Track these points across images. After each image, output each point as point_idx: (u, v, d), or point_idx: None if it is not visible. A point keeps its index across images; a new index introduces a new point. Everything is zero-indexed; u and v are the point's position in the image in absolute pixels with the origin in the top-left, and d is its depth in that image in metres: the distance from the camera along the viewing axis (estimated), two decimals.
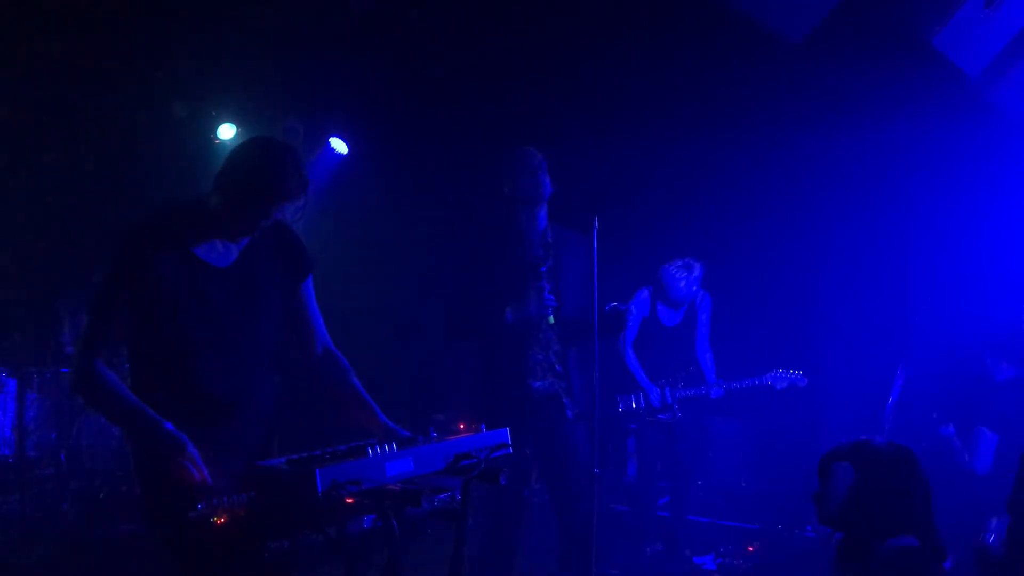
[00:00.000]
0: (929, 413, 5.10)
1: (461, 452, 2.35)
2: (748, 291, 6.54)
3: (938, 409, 5.15)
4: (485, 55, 6.32)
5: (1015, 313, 5.45)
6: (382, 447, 2.23)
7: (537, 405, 3.91)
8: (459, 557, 2.36)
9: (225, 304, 2.59)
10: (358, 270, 6.67)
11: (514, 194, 3.94)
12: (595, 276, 3.82)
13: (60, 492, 5.67)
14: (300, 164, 2.59)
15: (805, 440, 6.46)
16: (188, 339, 2.53)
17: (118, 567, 4.94)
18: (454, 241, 4.17)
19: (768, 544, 5.84)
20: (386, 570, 2.23)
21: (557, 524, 4.01)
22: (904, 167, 6.09)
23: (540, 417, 3.91)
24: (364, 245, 7.04)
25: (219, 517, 2.05)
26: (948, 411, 5.10)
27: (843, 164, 6.27)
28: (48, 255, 6.34)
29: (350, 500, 2.08)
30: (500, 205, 4.00)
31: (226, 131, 6.78)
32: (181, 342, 2.52)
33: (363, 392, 2.78)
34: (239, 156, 2.59)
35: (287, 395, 2.88)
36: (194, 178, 5.94)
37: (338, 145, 7.12)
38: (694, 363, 5.80)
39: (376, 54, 6.29)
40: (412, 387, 7.23)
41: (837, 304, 6.66)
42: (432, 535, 2.42)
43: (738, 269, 6.40)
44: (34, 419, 5.87)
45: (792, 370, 5.65)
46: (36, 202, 6.42)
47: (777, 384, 5.63)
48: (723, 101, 6.20)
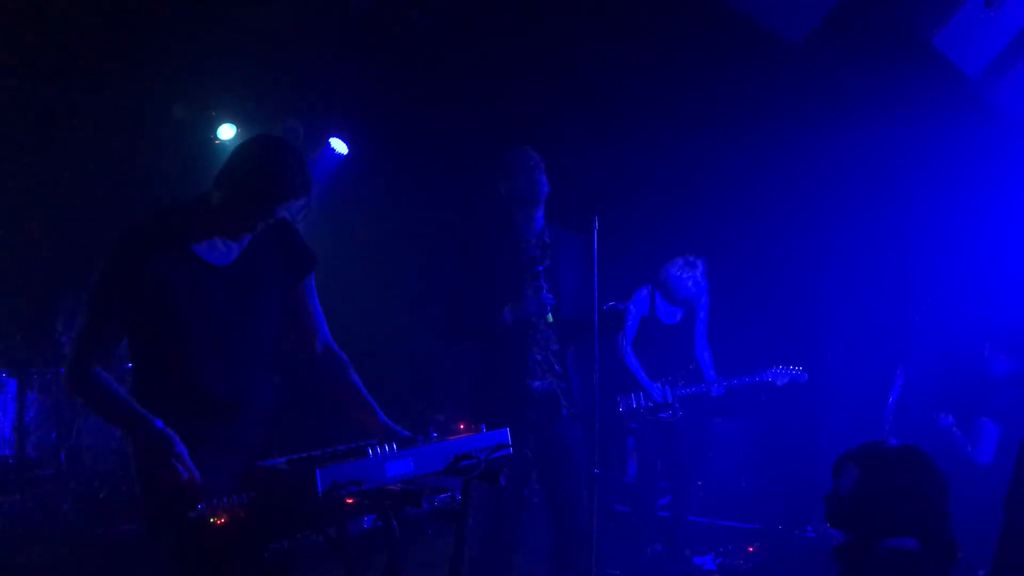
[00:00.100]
0: (929, 413, 5.11)
1: (461, 452, 2.35)
2: (748, 290, 6.54)
3: (938, 409, 5.15)
4: (485, 55, 6.32)
5: (1015, 308, 5.46)
6: (382, 447, 2.23)
7: (536, 404, 3.91)
8: (459, 557, 2.36)
9: (225, 303, 2.58)
10: (358, 270, 6.67)
11: (511, 194, 3.95)
12: (595, 276, 3.82)
13: (60, 492, 5.67)
14: (303, 163, 2.57)
15: (805, 440, 6.47)
16: (188, 338, 2.52)
17: (118, 567, 4.94)
18: (452, 241, 4.17)
19: (768, 544, 5.84)
20: (386, 570, 2.23)
21: (551, 524, 4.01)
22: (904, 167, 6.08)
23: (538, 416, 3.91)
24: (364, 245, 7.04)
25: (219, 517, 2.04)
26: (948, 410, 5.11)
27: (843, 164, 6.27)
28: (48, 255, 6.34)
29: (350, 500, 2.08)
30: (498, 205, 4.00)
31: (226, 131, 6.78)
32: (181, 341, 2.51)
33: (364, 391, 2.77)
34: (242, 154, 2.57)
35: (287, 395, 2.88)
36: (194, 178, 5.93)
37: (338, 145, 7.11)
38: (693, 361, 5.80)
39: (376, 54, 6.29)
40: (412, 387, 7.22)
41: (837, 304, 6.66)
42: (432, 535, 2.42)
43: (738, 268, 6.40)
44: (34, 419, 5.86)
45: (792, 366, 5.65)
46: (36, 202, 6.42)
47: (777, 380, 5.62)
48: (723, 101, 6.20)
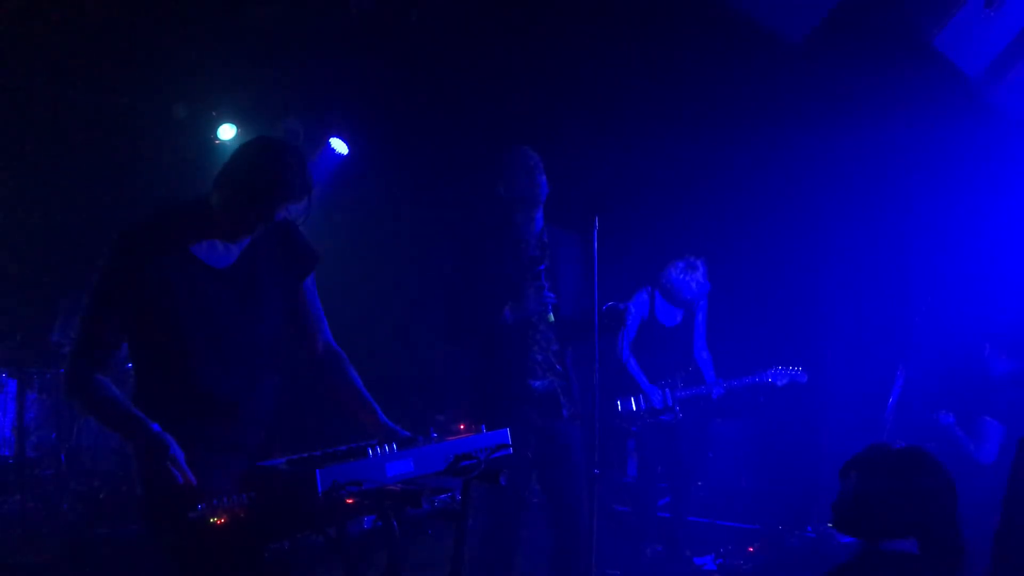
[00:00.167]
0: (929, 413, 5.11)
1: (461, 452, 2.35)
2: (748, 291, 6.54)
3: (938, 409, 5.15)
4: (485, 55, 6.31)
5: (1015, 308, 5.46)
6: (382, 447, 2.22)
7: (537, 404, 3.91)
8: (459, 557, 2.36)
9: (224, 305, 2.56)
10: (358, 270, 6.67)
11: (510, 194, 3.93)
12: (595, 276, 3.82)
13: (60, 492, 5.67)
14: (304, 164, 2.54)
15: (805, 440, 6.48)
16: (187, 341, 2.51)
17: (118, 567, 4.94)
18: (452, 241, 4.16)
19: (768, 544, 5.83)
20: (386, 570, 2.23)
21: (552, 524, 4.00)
22: (904, 167, 6.08)
23: (539, 416, 3.91)
24: (364, 245, 7.04)
25: (219, 517, 2.04)
26: (948, 410, 5.11)
27: (843, 164, 6.27)
28: (49, 255, 6.35)
29: (350, 500, 2.08)
30: (497, 206, 3.99)
31: (226, 131, 6.78)
32: (180, 344, 2.51)
33: (364, 390, 2.76)
34: (241, 155, 2.55)
35: (287, 395, 2.87)
36: (194, 178, 5.94)
37: (338, 145, 7.11)
38: (692, 363, 5.80)
39: (376, 54, 6.28)
40: (412, 387, 7.22)
41: (837, 304, 6.66)
42: (432, 535, 2.41)
43: (738, 269, 6.40)
44: (34, 419, 5.88)
45: (792, 366, 5.65)
46: (37, 202, 6.43)
47: (777, 381, 5.62)
48: (723, 101, 6.20)
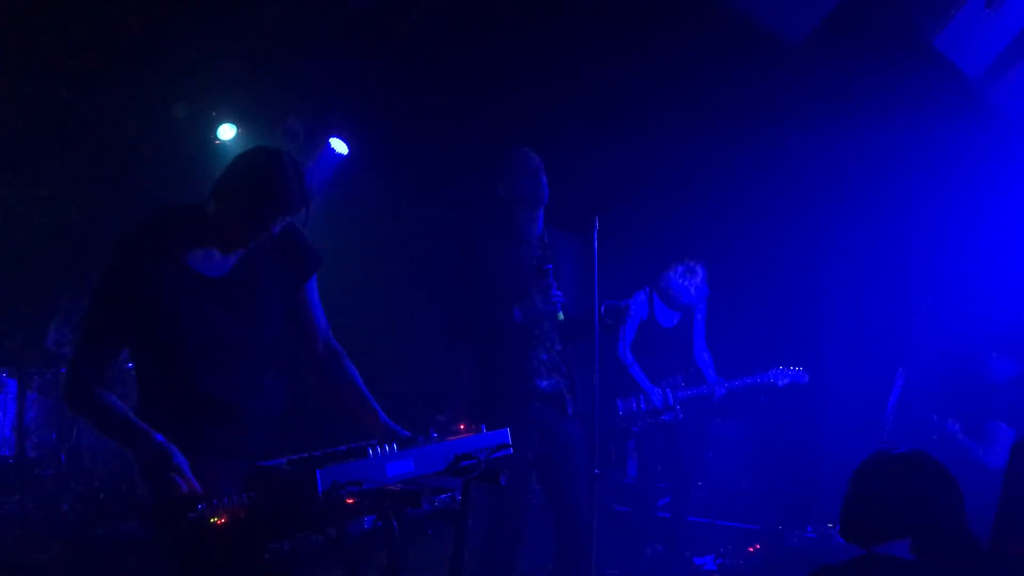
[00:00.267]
0: (929, 414, 5.10)
1: (461, 452, 2.35)
2: (748, 291, 6.54)
3: (938, 410, 5.15)
4: (485, 55, 6.31)
5: (1016, 309, 5.45)
6: (383, 447, 2.22)
7: (543, 404, 3.91)
8: (459, 557, 2.36)
9: (220, 314, 2.55)
10: (358, 270, 6.66)
11: (512, 195, 3.92)
12: (595, 276, 3.82)
13: (60, 492, 5.67)
14: (301, 177, 2.52)
15: (805, 440, 6.48)
16: (184, 351, 2.50)
17: (118, 567, 4.95)
18: (453, 242, 4.15)
19: (768, 544, 5.83)
20: (386, 571, 2.23)
21: (554, 524, 4.00)
22: (904, 167, 6.09)
23: (545, 416, 3.91)
24: (364, 245, 7.03)
25: (219, 517, 2.04)
26: (949, 411, 5.10)
27: (843, 164, 6.27)
28: (49, 256, 6.35)
29: (350, 500, 2.08)
30: (497, 206, 3.99)
31: (226, 132, 6.77)
32: (177, 353, 2.50)
33: (364, 389, 2.76)
34: (238, 169, 2.51)
35: (287, 395, 2.87)
36: (194, 179, 5.94)
37: (338, 145, 7.11)
38: (693, 363, 5.80)
39: (376, 54, 6.28)
40: (412, 387, 7.22)
41: (837, 304, 6.66)
42: (432, 535, 2.41)
43: (738, 269, 6.40)
44: (34, 419, 5.88)
45: (793, 367, 5.65)
46: (37, 202, 6.42)
47: (779, 381, 5.63)
48: (723, 101, 6.20)
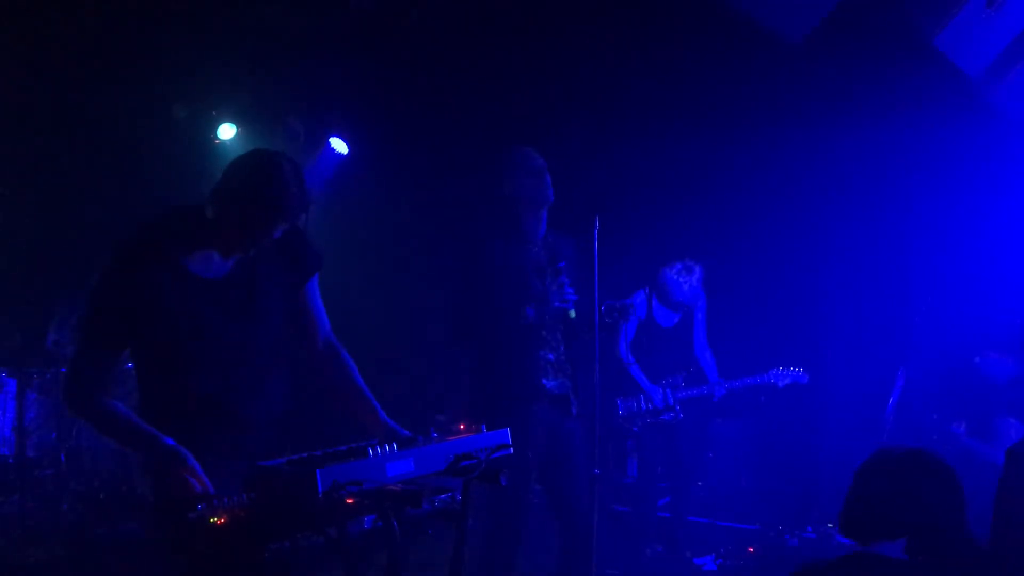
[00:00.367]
0: (930, 414, 5.10)
1: (462, 452, 2.35)
2: (748, 291, 6.54)
3: (938, 410, 5.14)
4: (485, 55, 6.32)
5: (1016, 308, 5.46)
6: (383, 447, 2.22)
7: (550, 404, 3.91)
8: (459, 557, 2.36)
9: (218, 317, 2.54)
10: (358, 270, 6.66)
11: (517, 195, 3.91)
12: (596, 276, 3.81)
13: (60, 492, 5.67)
14: (301, 181, 2.50)
15: (805, 440, 6.48)
16: (183, 353, 2.50)
17: (118, 567, 4.94)
18: (457, 242, 4.14)
19: (768, 544, 5.83)
20: (386, 571, 2.23)
21: (558, 525, 4.01)
22: (904, 167, 6.09)
23: (551, 416, 3.91)
24: (364, 245, 7.03)
25: (219, 518, 2.04)
26: (950, 411, 5.10)
27: (843, 164, 6.27)
28: (49, 255, 6.34)
29: (350, 500, 2.07)
30: (499, 206, 3.98)
31: (226, 131, 6.77)
32: (176, 357, 2.50)
33: (364, 387, 2.75)
34: (237, 174, 2.50)
35: (287, 396, 2.87)
36: (194, 179, 5.94)
37: (338, 145, 7.11)
38: (694, 363, 5.80)
39: (376, 54, 6.29)
40: (412, 387, 7.22)
41: (837, 304, 6.66)
42: (432, 535, 2.41)
43: (738, 269, 6.41)
44: (34, 419, 5.87)
45: (793, 367, 5.65)
46: (37, 202, 6.42)
47: (779, 382, 5.63)
48: (723, 101, 6.20)
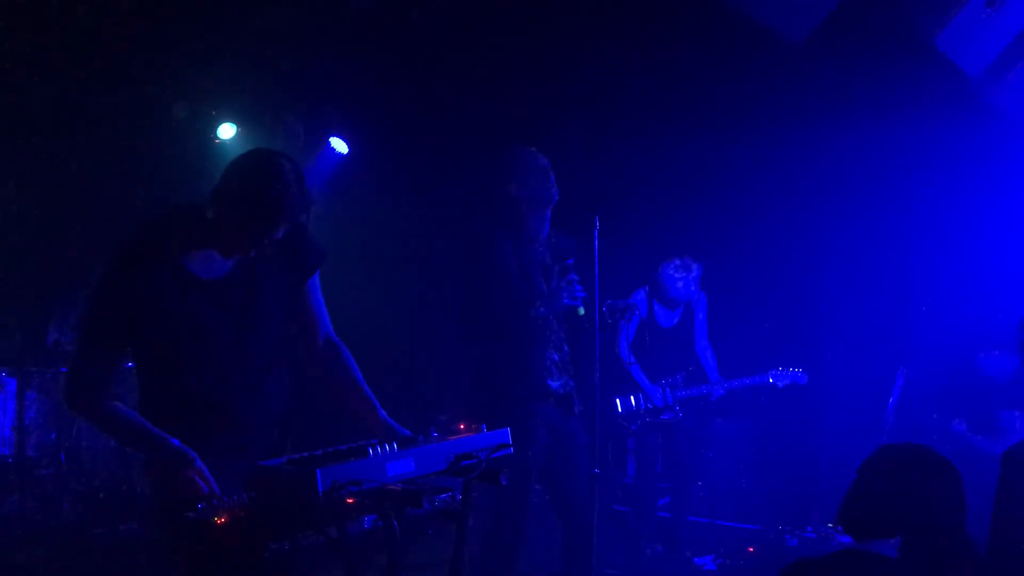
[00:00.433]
0: (930, 413, 5.10)
1: (462, 452, 2.34)
2: (748, 291, 6.54)
3: (938, 410, 5.14)
4: (485, 55, 6.32)
5: (1016, 308, 5.46)
6: (383, 447, 2.22)
7: (555, 404, 3.91)
8: (459, 557, 2.35)
9: (218, 318, 2.53)
10: (358, 270, 6.66)
11: (522, 194, 3.91)
12: (596, 276, 3.81)
13: (60, 492, 5.67)
14: (302, 182, 2.49)
15: (805, 440, 6.48)
16: (182, 354, 2.49)
17: (118, 567, 4.94)
18: (460, 242, 4.13)
19: (768, 544, 5.83)
20: (386, 570, 2.23)
21: (561, 524, 4.00)
22: (904, 167, 6.09)
23: (555, 415, 3.91)
24: (364, 245, 7.03)
25: (219, 517, 2.04)
26: (950, 411, 5.10)
27: (843, 164, 6.27)
28: (49, 255, 6.34)
29: (350, 500, 2.07)
30: (500, 206, 3.98)
31: (226, 131, 6.76)
32: (176, 357, 2.49)
33: (364, 385, 2.74)
34: (238, 176, 2.48)
35: (288, 396, 2.86)
36: (194, 179, 5.94)
37: (338, 145, 7.11)
38: (694, 363, 5.80)
39: (376, 54, 6.29)
40: (413, 387, 7.22)
41: (837, 304, 6.67)
42: (432, 535, 2.41)
43: (738, 269, 6.41)
44: (34, 419, 5.87)
45: (793, 367, 5.65)
46: (36, 202, 6.41)
47: (778, 382, 5.64)
48: (723, 101, 6.20)
